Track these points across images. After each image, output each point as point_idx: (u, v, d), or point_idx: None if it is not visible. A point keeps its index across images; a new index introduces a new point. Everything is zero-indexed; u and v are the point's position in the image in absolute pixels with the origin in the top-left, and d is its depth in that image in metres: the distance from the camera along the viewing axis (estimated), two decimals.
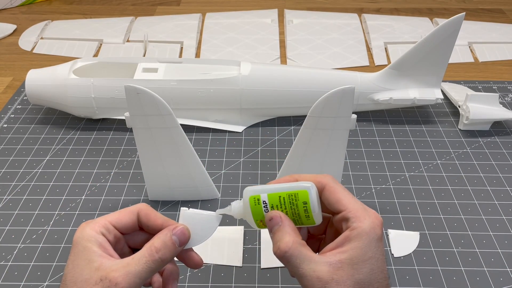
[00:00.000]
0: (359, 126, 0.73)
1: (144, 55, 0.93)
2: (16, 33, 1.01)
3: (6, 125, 0.73)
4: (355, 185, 0.62)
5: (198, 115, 0.71)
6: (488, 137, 0.71)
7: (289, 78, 0.70)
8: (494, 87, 0.82)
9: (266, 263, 0.52)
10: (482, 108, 0.70)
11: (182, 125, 0.53)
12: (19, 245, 0.55)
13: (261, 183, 0.62)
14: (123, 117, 0.63)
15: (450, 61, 0.72)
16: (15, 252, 0.54)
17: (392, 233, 0.56)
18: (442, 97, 0.71)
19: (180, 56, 0.93)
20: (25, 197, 0.61)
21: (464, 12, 0.64)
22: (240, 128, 0.72)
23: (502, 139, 0.70)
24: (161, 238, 0.37)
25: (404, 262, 0.53)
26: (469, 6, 1.14)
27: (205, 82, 0.68)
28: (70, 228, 0.56)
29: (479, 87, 0.82)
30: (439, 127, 0.73)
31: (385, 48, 0.95)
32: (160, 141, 0.53)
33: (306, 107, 0.52)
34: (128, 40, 0.98)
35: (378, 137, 0.71)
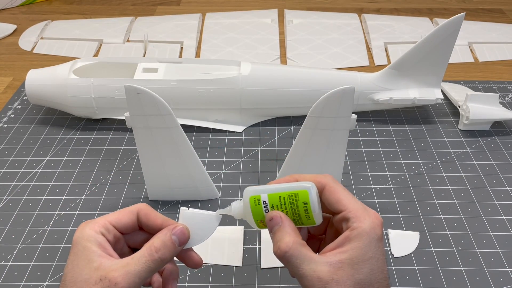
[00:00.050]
0: (359, 126, 0.73)
1: (144, 55, 0.93)
2: (16, 33, 1.01)
3: (6, 125, 0.73)
4: (355, 185, 0.62)
5: (198, 115, 0.71)
6: (488, 137, 0.71)
7: (289, 78, 0.70)
8: (494, 87, 0.82)
9: (266, 263, 0.52)
10: (482, 108, 0.70)
11: (182, 125, 0.53)
12: (19, 245, 0.55)
13: (261, 183, 0.62)
14: (123, 117, 0.63)
15: (450, 61, 0.72)
16: (15, 252, 0.54)
17: (392, 233, 0.56)
18: (442, 97, 0.71)
19: (180, 56, 0.93)
20: (25, 197, 0.61)
21: (464, 12, 0.64)
22: (240, 128, 0.72)
23: (502, 139, 0.70)
24: (161, 238, 0.37)
25: (404, 262, 0.53)
26: (469, 6, 1.14)
27: (205, 82, 0.68)
28: (70, 228, 0.56)
29: (479, 87, 0.82)
30: (439, 127, 0.73)
31: (385, 48, 0.95)
32: (160, 141, 0.53)
33: (306, 107, 0.52)
34: (128, 40, 0.98)
35: (378, 137, 0.71)
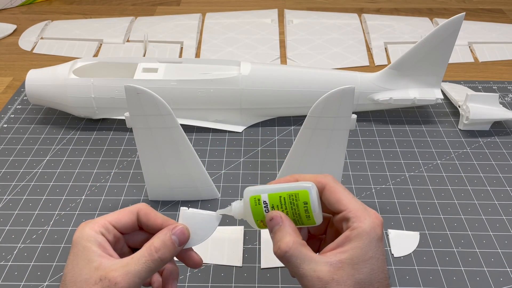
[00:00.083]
0: (359, 126, 0.73)
1: (144, 55, 0.93)
2: (16, 33, 1.01)
3: (6, 125, 0.73)
4: (355, 185, 0.62)
5: (198, 115, 0.71)
6: (488, 137, 0.71)
7: (289, 78, 0.70)
8: (494, 87, 0.82)
9: (266, 263, 0.52)
10: (482, 108, 0.70)
11: (182, 125, 0.53)
12: (19, 245, 0.55)
13: (261, 183, 0.62)
14: (123, 117, 0.63)
15: (450, 61, 0.72)
16: (15, 252, 0.54)
17: (392, 233, 0.56)
18: (442, 97, 0.71)
19: (180, 56, 0.93)
20: (25, 197, 0.61)
21: (464, 12, 0.64)
22: (240, 128, 0.72)
23: (502, 139, 0.70)
24: (161, 238, 0.37)
25: (404, 262, 0.53)
26: (469, 6, 1.14)
27: (205, 82, 0.68)
28: (70, 228, 0.56)
29: (479, 87, 0.82)
30: (439, 127, 0.73)
31: (385, 48, 0.95)
32: (160, 141, 0.53)
33: (306, 107, 0.52)
34: (128, 40, 0.98)
35: (378, 137, 0.71)
